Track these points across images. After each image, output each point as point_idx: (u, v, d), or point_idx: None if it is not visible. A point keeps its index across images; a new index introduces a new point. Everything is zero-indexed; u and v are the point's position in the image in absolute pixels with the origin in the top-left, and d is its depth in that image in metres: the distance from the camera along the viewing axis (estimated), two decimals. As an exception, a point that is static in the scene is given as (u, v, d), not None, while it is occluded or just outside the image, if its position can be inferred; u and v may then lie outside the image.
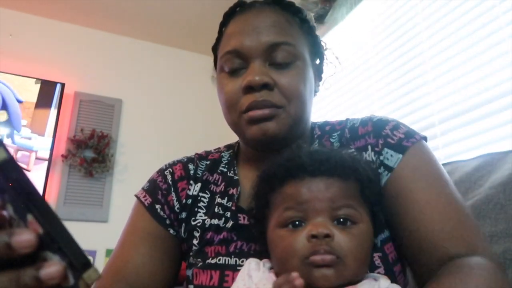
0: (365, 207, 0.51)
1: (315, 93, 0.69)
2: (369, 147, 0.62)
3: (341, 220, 0.48)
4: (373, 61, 1.79)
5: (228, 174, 0.70)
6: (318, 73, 0.71)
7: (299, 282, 0.40)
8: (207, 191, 0.69)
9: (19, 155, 2.29)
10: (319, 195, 0.48)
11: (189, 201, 0.68)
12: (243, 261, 0.58)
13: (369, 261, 0.51)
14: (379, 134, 0.62)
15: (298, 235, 0.47)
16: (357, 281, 0.47)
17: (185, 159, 0.74)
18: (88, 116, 2.57)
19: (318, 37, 0.71)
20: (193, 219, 0.67)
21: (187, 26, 2.72)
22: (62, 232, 0.30)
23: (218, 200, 0.66)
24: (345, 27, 1.98)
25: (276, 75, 0.60)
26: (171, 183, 0.70)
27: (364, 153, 0.62)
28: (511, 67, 1.16)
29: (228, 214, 0.64)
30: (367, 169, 0.52)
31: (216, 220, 0.64)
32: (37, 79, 2.44)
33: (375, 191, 0.53)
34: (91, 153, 2.48)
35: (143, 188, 0.72)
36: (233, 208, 0.64)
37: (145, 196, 0.70)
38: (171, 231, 0.68)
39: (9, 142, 2.28)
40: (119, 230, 0.70)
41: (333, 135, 0.68)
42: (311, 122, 0.70)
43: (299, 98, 0.61)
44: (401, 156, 0.59)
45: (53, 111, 2.42)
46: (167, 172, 0.72)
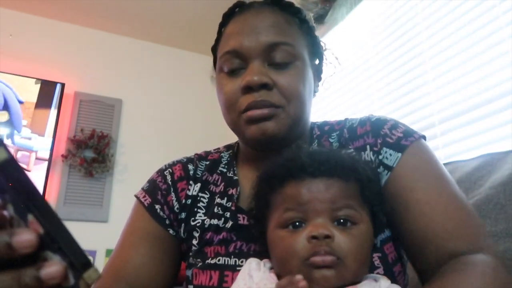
0: (365, 208, 0.51)
1: (314, 93, 0.69)
2: (367, 146, 0.62)
3: (341, 221, 0.48)
4: (373, 61, 1.79)
5: (228, 174, 0.70)
6: (318, 73, 0.71)
7: (303, 284, 0.40)
8: (206, 191, 0.69)
9: (19, 155, 2.29)
10: (319, 196, 0.48)
11: (189, 201, 0.68)
12: (242, 262, 0.58)
13: (369, 262, 0.51)
14: (377, 133, 0.62)
15: (298, 236, 0.47)
16: (357, 282, 0.47)
17: (185, 160, 0.74)
18: (88, 116, 2.57)
19: (318, 37, 0.71)
20: (192, 219, 0.67)
21: (187, 26, 2.72)
22: (63, 232, 0.30)
23: (218, 200, 0.66)
24: (345, 27, 1.98)
25: (275, 75, 0.60)
26: (170, 183, 0.70)
27: (363, 153, 0.62)
28: (511, 67, 1.16)
29: (228, 214, 0.64)
30: (366, 169, 0.52)
31: (216, 220, 0.64)
32: (37, 79, 2.44)
33: (375, 191, 0.53)
34: (91, 153, 2.48)
35: (142, 188, 0.72)
36: (233, 208, 0.64)
37: (144, 196, 0.70)
38: (170, 231, 0.68)
39: (9, 142, 2.28)
40: (119, 230, 0.70)
41: (332, 135, 0.68)
42: (310, 122, 0.70)
43: (298, 98, 0.61)
44: (400, 155, 0.59)
45: (53, 111, 2.42)
46: (166, 173, 0.72)
